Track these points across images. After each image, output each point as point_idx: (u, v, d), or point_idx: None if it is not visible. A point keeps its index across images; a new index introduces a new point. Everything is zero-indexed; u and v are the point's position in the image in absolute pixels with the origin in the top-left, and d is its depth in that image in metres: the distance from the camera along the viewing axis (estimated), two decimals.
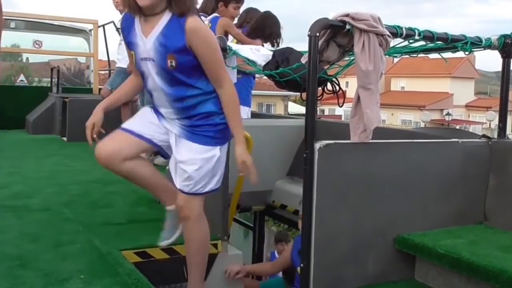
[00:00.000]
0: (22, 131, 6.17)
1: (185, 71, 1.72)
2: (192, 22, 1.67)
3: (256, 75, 3.87)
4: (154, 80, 1.76)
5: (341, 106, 2.50)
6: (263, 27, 3.71)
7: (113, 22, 6.67)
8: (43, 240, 2.31)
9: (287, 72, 2.40)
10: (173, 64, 1.69)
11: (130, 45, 1.78)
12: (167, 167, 4.08)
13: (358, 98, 1.94)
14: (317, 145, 1.86)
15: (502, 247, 2.04)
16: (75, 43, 8.35)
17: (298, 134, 3.04)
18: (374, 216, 2.06)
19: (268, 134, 2.87)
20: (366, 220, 2.04)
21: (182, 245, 2.37)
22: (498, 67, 2.52)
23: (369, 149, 2.00)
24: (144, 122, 1.86)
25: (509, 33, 2.36)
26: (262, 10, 4.07)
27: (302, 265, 1.93)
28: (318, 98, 2.17)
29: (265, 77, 3.49)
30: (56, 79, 6.64)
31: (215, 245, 2.45)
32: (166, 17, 1.70)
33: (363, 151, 1.99)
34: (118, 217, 2.70)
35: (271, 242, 5.01)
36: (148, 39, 1.72)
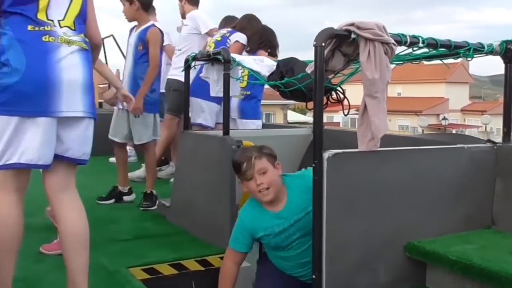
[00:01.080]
0: None
1: None
2: None
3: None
4: None
5: (346, 115, 2.50)
6: (268, 39, 3.82)
7: (112, 35, 6.68)
8: (48, 260, 2.29)
9: (292, 82, 2.40)
10: None
11: None
12: (170, 180, 4.06)
13: (365, 107, 1.94)
14: (326, 154, 1.85)
15: None
16: None
17: (303, 143, 3.05)
18: (384, 224, 2.05)
19: (273, 144, 2.86)
20: (376, 228, 2.03)
21: (191, 260, 2.36)
22: (491, 72, 2.56)
23: (377, 157, 1.99)
24: None
25: (510, 38, 2.37)
26: (261, 20, 4.12)
27: (314, 276, 1.91)
28: (324, 107, 2.17)
29: (265, 86, 3.54)
30: None
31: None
32: None
33: (371, 159, 1.98)
34: (123, 233, 2.67)
35: None
36: None
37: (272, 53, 3.80)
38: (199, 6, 4.36)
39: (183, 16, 4.34)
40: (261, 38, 3.77)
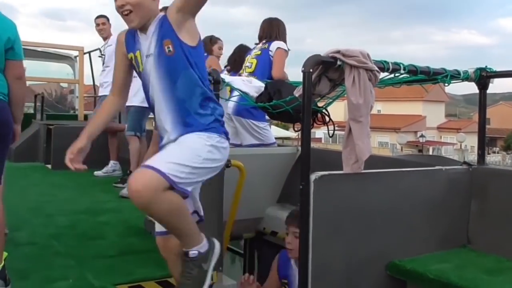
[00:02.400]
0: None
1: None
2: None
3: None
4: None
5: (331, 136, 2.59)
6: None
7: (99, 49, 6.70)
8: (33, 276, 2.27)
9: (280, 104, 2.47)
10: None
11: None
12: None
13: (350, 130, 2.02)
14: (313, 176, 1.92)
15: (486, 270, 2.13)
16: (56, 68, 8.32)
17: (288, 161, 3.12)
18: (366, 244, 2.12)
19: (259, 162, 2.93)
20: (359, 248, 2.10)
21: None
22: (465, 91, 2.68)
23: (361, 179, 2.07)
24: None
25: (483, 66, 2.51)
26: (240, 37, 4.28)
27: None
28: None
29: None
30: (40, 105, 6.56)
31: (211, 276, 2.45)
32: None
33: (355, 181, 2.06)
34: (109, 249, 2.66)
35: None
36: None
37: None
38: None
39: None
40: (236, 58, 3.95)
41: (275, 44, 3.52)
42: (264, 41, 3.62)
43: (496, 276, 2.05)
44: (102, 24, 4.92)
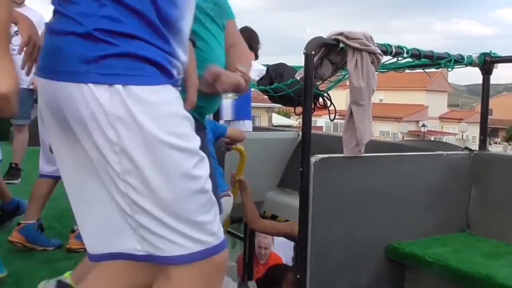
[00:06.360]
0: (6, 142, 5.96)
1: None
2: None
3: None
4: None
5: (332, 120, 2.59)
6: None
7: None
8: (35, 257, 2.30)
9: (282, 88, 2.47)
10: None
11: None
12: None
13: (351, 114, 2.02)
14: (313, 159, 1.92)
15: (485, 254, 2.14)
16: None
17: (289, 146, 3.13)
18: (366, 227, 2.14)
19: (260, 146, 2.94)
20: (358, 231, 2.12)
21: None
22: (468, 81, 2.67)
23: (362, 162, 2.08)
24: None
25: (488, 51, 2.49)
26: (243, 24, 4.18)
27: (298, 276, 1.98)
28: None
29: (251, 89, 3.58)
30: None
31: None
32: None
33: (355, 164, 2.06)
34: None
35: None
36: None
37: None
38: None
39: None
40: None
41: None
42: None
43: (495, 260, 2.07)
44: None
